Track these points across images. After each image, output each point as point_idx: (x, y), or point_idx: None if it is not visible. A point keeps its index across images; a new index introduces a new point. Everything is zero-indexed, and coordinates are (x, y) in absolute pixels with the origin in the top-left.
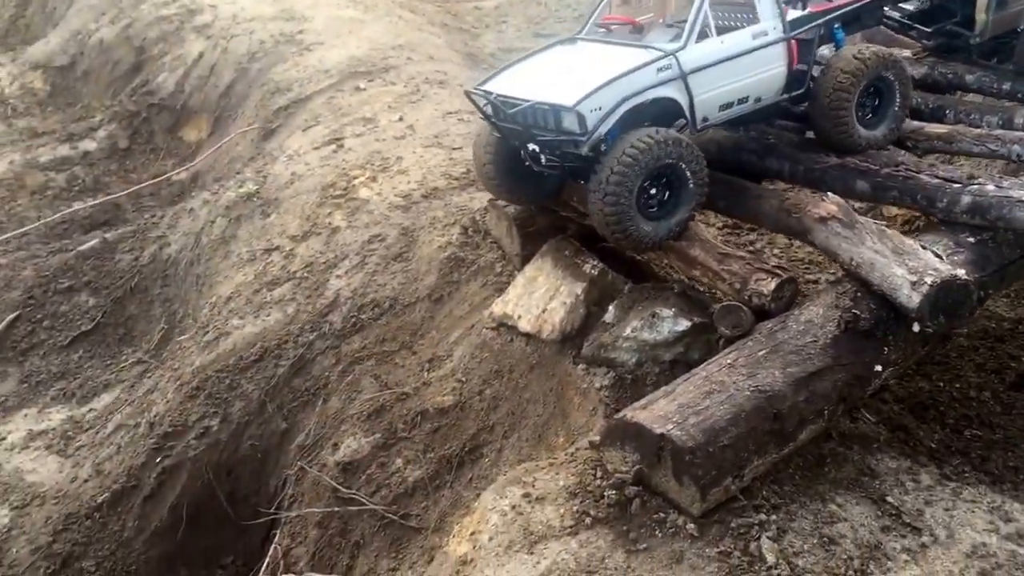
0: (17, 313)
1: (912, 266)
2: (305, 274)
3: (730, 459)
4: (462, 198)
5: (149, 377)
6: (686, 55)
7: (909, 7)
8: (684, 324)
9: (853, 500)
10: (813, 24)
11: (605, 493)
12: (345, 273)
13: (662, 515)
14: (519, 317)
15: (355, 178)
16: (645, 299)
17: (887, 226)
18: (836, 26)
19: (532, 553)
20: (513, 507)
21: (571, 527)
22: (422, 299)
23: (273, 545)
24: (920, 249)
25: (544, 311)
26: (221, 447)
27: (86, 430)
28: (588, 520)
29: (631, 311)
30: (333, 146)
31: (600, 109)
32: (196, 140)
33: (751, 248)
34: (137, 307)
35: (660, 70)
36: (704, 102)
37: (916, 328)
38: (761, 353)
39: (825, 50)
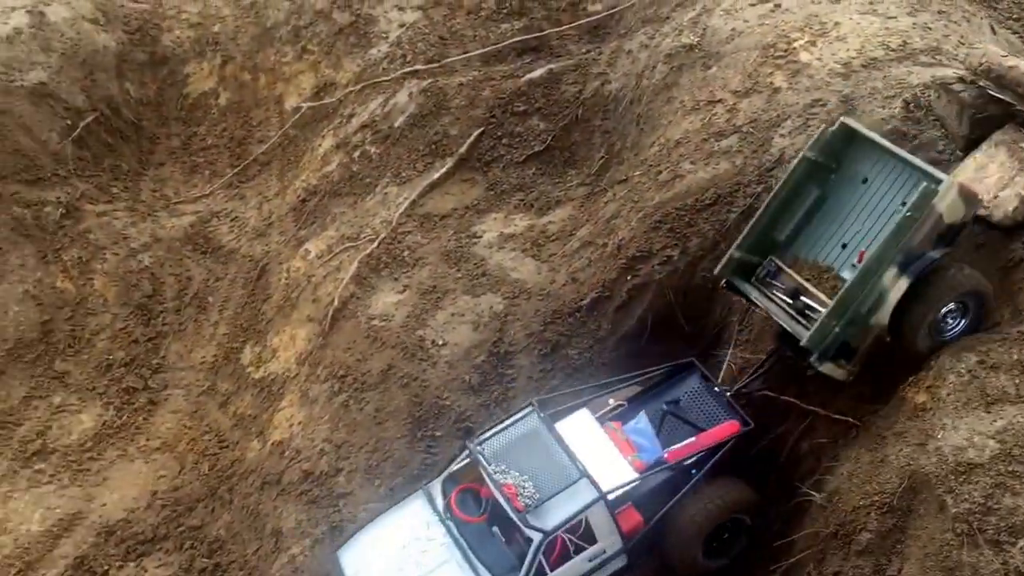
0: (481, 129)
1: None
2: (750, 129)
3: None
4: (900, 71)
5: (605, 203)
6: None
7: None
8: None
9: None
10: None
11: None
12: (788, 133)
13: None
14: None
15: (794, 40)
16: None
17: None
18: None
19: (989, 412)
20: (969, 371)
21: None
22: None
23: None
24: None
25: (996, 197)
26: (679, 274)
27: (552, 240)
28: None
29: None
30: (770, 4)
31: None
32: None
33: None
34: (580, 135)
35: None
36: None
37: None
38: None
39: None
